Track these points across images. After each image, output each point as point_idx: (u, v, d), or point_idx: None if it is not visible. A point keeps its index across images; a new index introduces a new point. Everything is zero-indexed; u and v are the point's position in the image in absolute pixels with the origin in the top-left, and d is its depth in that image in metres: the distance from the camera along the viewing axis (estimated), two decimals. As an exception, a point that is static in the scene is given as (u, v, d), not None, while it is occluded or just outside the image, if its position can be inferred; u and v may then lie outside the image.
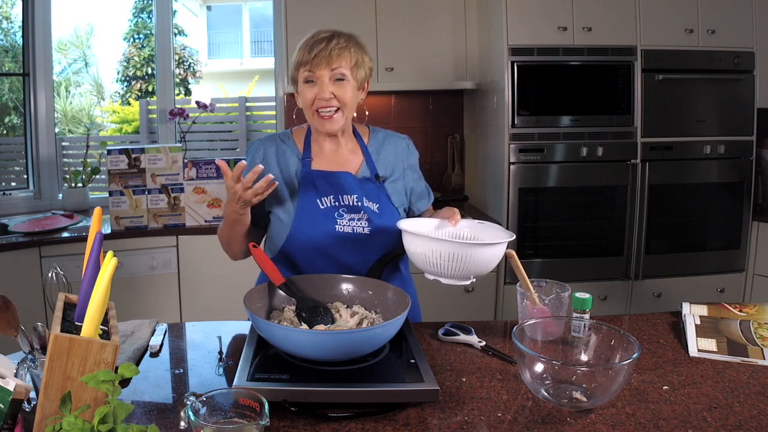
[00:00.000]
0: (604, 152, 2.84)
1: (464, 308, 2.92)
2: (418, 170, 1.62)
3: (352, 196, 1.46)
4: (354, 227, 1.45)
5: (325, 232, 1.44)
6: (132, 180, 2.74)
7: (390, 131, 1.62)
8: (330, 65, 1.40)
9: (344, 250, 1.45)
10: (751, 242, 3.01)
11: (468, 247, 1.24)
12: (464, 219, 1.43)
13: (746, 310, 1.46)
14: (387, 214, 1.48)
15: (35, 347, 1.07)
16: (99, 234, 1.03)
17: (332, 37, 1.42)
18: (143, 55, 7.12)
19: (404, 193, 1.56)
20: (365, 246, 1.46)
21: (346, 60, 1.42)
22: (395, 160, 1.56)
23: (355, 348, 1.11)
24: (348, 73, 1.42)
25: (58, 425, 0.78)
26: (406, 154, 1.59)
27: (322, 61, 1.39)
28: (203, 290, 2.82)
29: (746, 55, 2.88)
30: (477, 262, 1.24)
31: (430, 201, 1.64)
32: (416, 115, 3.50)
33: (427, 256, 1.27)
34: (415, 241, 1.29)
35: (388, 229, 1.45)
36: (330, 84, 1.41)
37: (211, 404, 0.88)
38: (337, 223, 1.44)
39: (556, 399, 1.06)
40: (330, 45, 1.40)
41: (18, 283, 2.47)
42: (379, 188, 1.50)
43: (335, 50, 1.40)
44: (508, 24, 2.77)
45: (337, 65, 1.40)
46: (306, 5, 3.03)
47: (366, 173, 1.51)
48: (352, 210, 1.45)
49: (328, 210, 1.45)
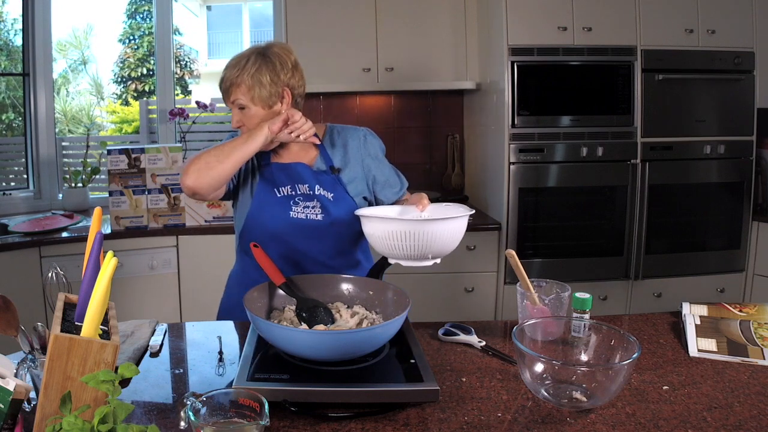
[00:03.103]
0: (604, 152, 2.84)
1: (464, 308, 2.92)
2: (381, 159, 1.62)
3: (305, 185, 1.52)
4: (308, 214, 1.51)
5: (280, 219, 1.50)
6: (132, 180, 2.74)
7: (349, 126, 1.66)
8: (230, 98, 1.49)
9: (299, 237, 1.51)
10: (751, 242, 3.01)
11: (420, 224, 1.23)
12: (433, 203, 1.42)
13: (746, 310, 1.46)
14: (342, 203, 1.52)
15: (35, 347, 1.07)
16: (99, 234, 1.03)
17: (240, 64, 1.47)
18: (138, 56, 7.12)
19: (364, 182, 1.58)
20: (320, 233, 1.51)
21: (241, 90, 1.47)
22: (351, 151, 1.59)
23: (355, 348, 1.11)
24: (246, 101, 1.48)
25: (58, 425, 0.78)
26: (363, 144, 1.60)
27: (224, 94, 1.51)
28: (203, 290, 2.82)
29: (746, 55, 2.88)
30: (433, 239, 1.23)
31: (402, 189, 1.64)
32: (416, 115, 3.50)
33: (382, 238, 1.27)
34: (368, 223, 1.31)
35: (344, 218, 1.51)
36: (237, 113, 1.50)
37: (211, 404, 0.88)
38: (292, 209, 1.51)
39: (556, 399, 1.06)
40: (231, 76, 1.47)
41: (18, 283, 2.47)
42: (335, 179, 1.54)
43: (229, 83, 1.48)
44: (508, 24, 2.77)
45: (234, 97, 1.49)
46: (306, 5, 3.03)
47: (321, 166, 1.56)
48: (307, 198, 1.52)
49: (284, 198, 1.52)
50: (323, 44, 3.03)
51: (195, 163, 1.42)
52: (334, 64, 3.05)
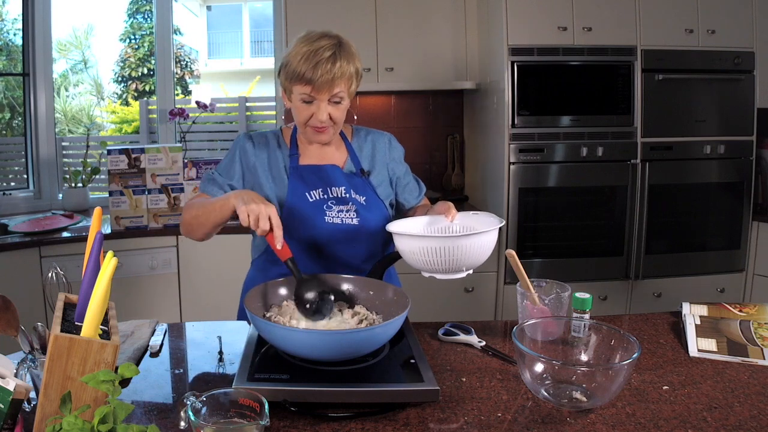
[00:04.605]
0: (604, 152, 2.84)
1: (464, 308, 2.92)
2: (403, 163, 1.63)
3: (340, 188, 1.48)
4: (343, 218, 1.46)
5: (315, 224, 1.45)
6: (132, 180, 2.74)
7: (373, 129, 1.64)
8: (332, 90, 1.37)
9: (333, 242, 1.46)
10: (751, 242, 3.01)
11: (454, 240, 1.23)
12: (459, 212, 1.41)
13: (746, 310, 1.46)
14: (373, 207, 1.50)
15: (35, 347, 1.07)
16: (99, 234, 1.03)
17: (335, 55, 1.35)
18: (138, 56, 7.12)
19: (389, 183, 1.58)
20: (353, 237, 1.47)
21: (346, 82, 1.39)
22: (378, 154, 1.58)
23: (355, 348, 1.11)
24: (346, 95, 1.42)
25: (58, 425, 0.78)
26: (389, 149, 1.60)
27: (324, 85, 1.35)
28: (203, 290, 2.82)
29: (746, 55, 2.88)
30: (467, 253, 1.23)
31: (421, 194, 1.64)
32: (416, 115, 3.50)
33: (416, 254, 1.26)
34: (403, 241, 1.30)
35: (375, 222, 1.48)
36: (327, 105, 1.40)
37: (211, 404, 0.88)
38: (326, 214, 1.45)
39: (556, 399, 1.06)
40: (334, 68, 1.34)
41: (18, 283, 2.47)
42: (365, 182, 1.52)
43: (338, 73, 1.35)
44: (508, 24, 2.77)
45: (338, 89, 1.38)
46: (306, 5, 3.03)
47: (351, 168, 1.54)
48: (341, 202, 1.47)
49: (317, 203, 1.46)
50: (323, 44, 3.03)
51: (186, 212, 1.47)
52: (334, 64, 3.04)
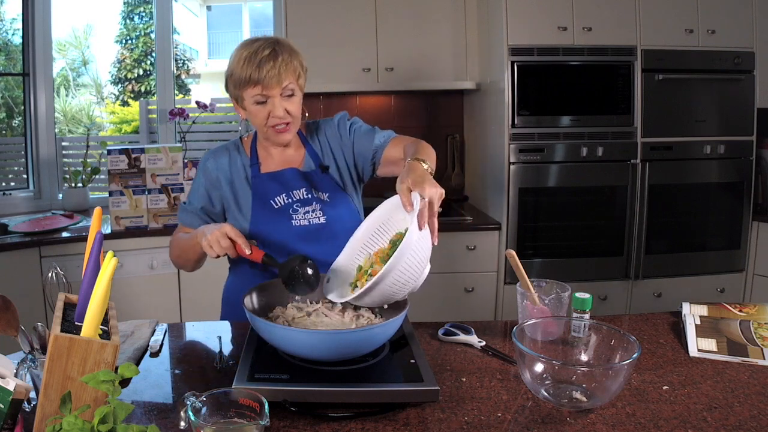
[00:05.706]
0: (604, 152, 2.84)
1: (464, 308, 2.92)
2: (347, 126, 1.59)
3: (301, 190, 1.51)
4: (310, 219, 1.49)
5: (283, 230, 1.48)
6: (132, 180, 2.74)
7: (324, 119, 1.65)
8: (281, 83, 1.40)
9: (303, 243, 1.48)
10: (751, 242, 3.01)
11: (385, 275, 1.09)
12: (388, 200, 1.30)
13: (746, 310, 1.46)
14: (338, 202, 1.52)
15: (35, 347, 1.07)
16: (99, 234, 1.03)
17: (275, 52, 1.39)
18: (134, 57, 7.12)
19: (353, 165, 1.57)
20: (323, 235, 1.49)
21: (293, 75, 1.43)
22: (331, 140, 1.59)
23: (354, 348, 1.11)
24: (296, 87, 1.44)
25: (58, 425, 0.78)
26: (337, 129, 1.60)
27: (272, 80, 1.38)
28: (203, 290, 2.81)
29: (746, 55, 2.88)
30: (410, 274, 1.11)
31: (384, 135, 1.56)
32: (416, 115, 3.50)
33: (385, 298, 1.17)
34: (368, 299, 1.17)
35: (342, 216, 1.50)
36: (281, 101, 1.42)
37: (211, 404, 0.88)
38: (293, 218, 1.48)
39: (556, 399, 1.06)
40: (277, 63, 1.38)
41: (18, 283, 2.47)
42: (325, 178, 1.54)
43: (282, 67, 1.39)
44: (508, 24, 2.77)
45: (287, 82, 1.41)
46: (306, 5, 3.03)
47: (310, 165, 1.55)
48: (305, 203, 1.50)
49: (283, 208, 1.49)
50: (323, 44, 3.03)
51: (172, 251, 1.56)
52: (334, 64, 3.04)
